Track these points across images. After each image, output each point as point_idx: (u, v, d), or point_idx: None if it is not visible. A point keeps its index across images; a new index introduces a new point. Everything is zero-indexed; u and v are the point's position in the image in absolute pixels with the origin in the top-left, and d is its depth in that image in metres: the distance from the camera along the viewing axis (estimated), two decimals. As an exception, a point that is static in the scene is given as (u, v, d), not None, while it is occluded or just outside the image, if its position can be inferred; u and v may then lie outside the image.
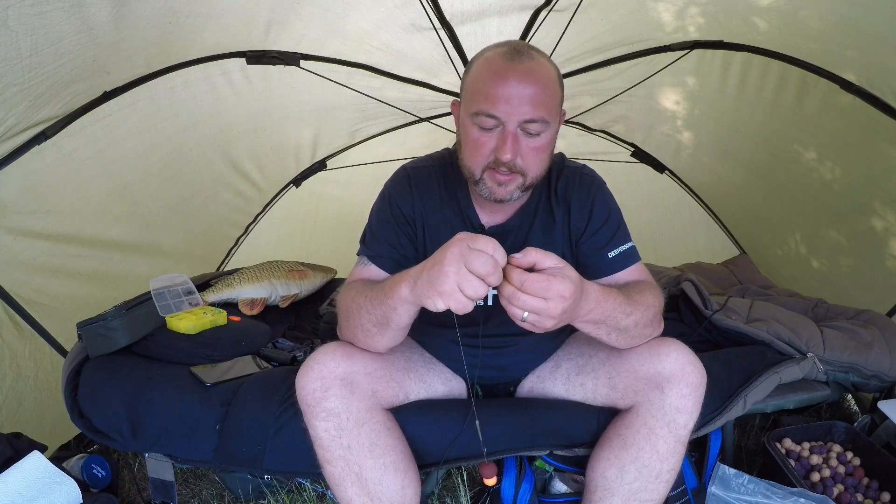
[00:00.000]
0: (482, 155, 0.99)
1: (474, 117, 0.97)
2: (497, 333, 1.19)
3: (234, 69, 1.74)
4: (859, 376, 1.47)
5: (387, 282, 0.96)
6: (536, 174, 1.02)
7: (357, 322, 1.01)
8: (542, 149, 0.99)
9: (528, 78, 0.94)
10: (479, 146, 0.99)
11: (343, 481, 1.01)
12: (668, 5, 1.69)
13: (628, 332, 1.00)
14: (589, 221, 1.13)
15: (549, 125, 0.98)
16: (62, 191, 1.55)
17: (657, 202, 2.81)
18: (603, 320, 0.94)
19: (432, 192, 1.15)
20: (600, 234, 1.13)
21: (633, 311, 0.98)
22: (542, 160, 1.02)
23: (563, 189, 1.15)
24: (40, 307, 1.52)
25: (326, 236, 2.82)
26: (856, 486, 1.30)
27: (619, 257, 1.12)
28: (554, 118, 0.99)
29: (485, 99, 0.95)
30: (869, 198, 1.84)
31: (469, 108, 0.99)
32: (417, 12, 1.62)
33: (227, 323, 1.56)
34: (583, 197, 1.14)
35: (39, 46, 1.17)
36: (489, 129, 0.97)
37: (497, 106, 0.94)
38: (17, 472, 1.13)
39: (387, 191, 1.17)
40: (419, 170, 1.18)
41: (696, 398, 1.02)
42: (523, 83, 0.94)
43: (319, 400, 0.99)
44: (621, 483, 1.04)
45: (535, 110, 0.94)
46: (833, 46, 1.56)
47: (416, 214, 1.14)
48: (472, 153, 1.01)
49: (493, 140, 0.97)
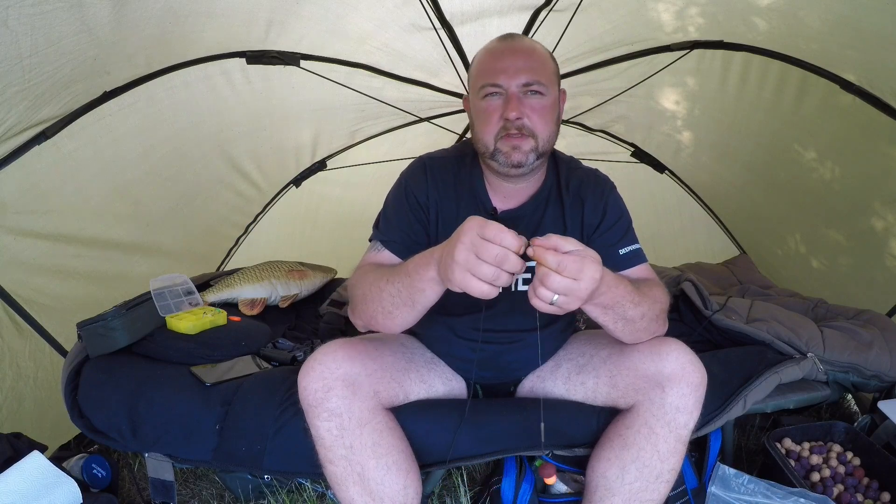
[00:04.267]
0: (492, 122, 1.07)
1: (481, 91, 1.08)
2: (504, 329, 1.20)
3: (234, 69, 1.74)
4: (859, 376, 1.47)
5: (409, 264, 0.96)
6: (546, 136, 1.09)
7: (377, 305, 1.01)
8: (546, 110, 1.08)
9: (521, 50, 1.08)
10: (488, 115, 1.08)
11: (345, 481, 1.01)
12: (668, 5, 1.69)
13: (634, 324, 1.01)
14: (603, 218, 1.17)
15: (549, 89, 1.07)
16: (62, 191, 1.54)
17: (657, 202, 2.81)
18: (612, 305, 0.96)
19: (448, 180, 1.19)
20: (613, 232, 1.16)
21: (642, 301, 1.00)
22: (548, 122, 1.09)
23: (576, 186, 1.19)
24: (40, 307, 1.52)
25: (326, 236, 2.82)
26: (856, 486, 1.30)
27: (630, 255, 1.15)
28: (551, 85, 1.08)
29: (487, 73, 1.07)
30: (869, 198, 1.84)
31: (476, 87, 1.10)
32: (417, 12, 1.62)
33: (227, 323, 1.56)
34: (597, 195, 1.19)
35: (39, 46, 1.17)
36: (494, 97, 1.07)
37: (498, 76, 1.05)
38: (17, 472, 1.13)
39: (403, 178, 1.21)
40: (436, 159, 1.23)
41: (696, 398, 1.03)
42: (517, 55, 1.07)
43: (321, 400, 0.99)
44: (622, 483, 1.04)
45: (531, 74, 1.05)
46: (833, 46, 1.56)
47: (430, 201, 1.17)
48: (484, 124, 1.09)
49: (500, 106, 1.06)
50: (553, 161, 1.23)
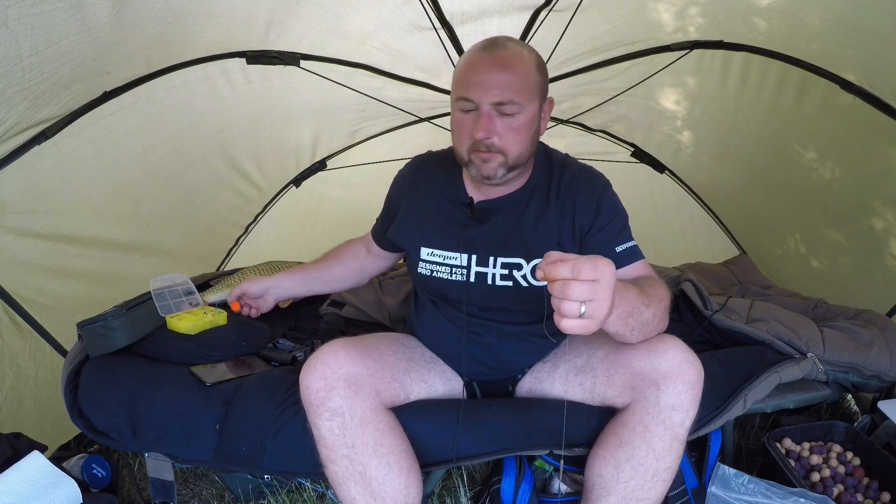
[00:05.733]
0: (465, 136, 1.08)
1: (456, 103, 1.08)
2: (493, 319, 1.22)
3: (234, 69, 1.74)
4: (859, 376, 1.47)
5: None
6: (517, 153, 1.08)
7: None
8: (519, 129, 1.06)
9: (497, 65, 1.03)
10: (461, 128, 1.09)
11: (346, 480, 1.02)
12: (668, 5, 1.69)
13: (647, 326, 1.01)
14: (597, 218, 1.15)
15: (524, 107, 1.05)
16: (62, 191, 1.54)
17: (657, 202, 2.81)
18: (630, 313, 0.94)
19: (430, 173, 1.28)
20: (607, 230, 1.15)
21: (651, 302, 0.99)
22: (521, 140, 1.07)
23: (567, 183, 1.17)
24: (40, 307, 1.51)
25: (326, 236, 2.80)
26: (856, 486, 1.30)
27: (626, 252, 1.14)
28: (528, 101, 1.05)
29: (462, 85, 1.06)
30: (869, 198, 1.84)
31: (453, 96, 1.10)
32: (417, 12, 1.62)
33: (227, 323, 1.56)
34: (589, 194, 1.16)
35: (39, 46, 1.17)
36: (467, 111, 1.07)
37: (471, 90, 1.04)
38: (17, 472, 1.13)
39: (399, 175, 1.36)
40: (433, 155, 1.35)
41: (692, 395, 1.02)
42: (492, 69, 1.03)
43: (323, 400, 0.99)
44: (617, 482, 1.04)
45: (504, 93, 1.02)
46: (833, 46, 1.56)
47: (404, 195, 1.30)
48: (458, 136, 1.11)
49: (471, 122, 1.06)
50: (545, 159, 1.22)
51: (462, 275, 1.18)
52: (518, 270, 1.16)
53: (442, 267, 1.20)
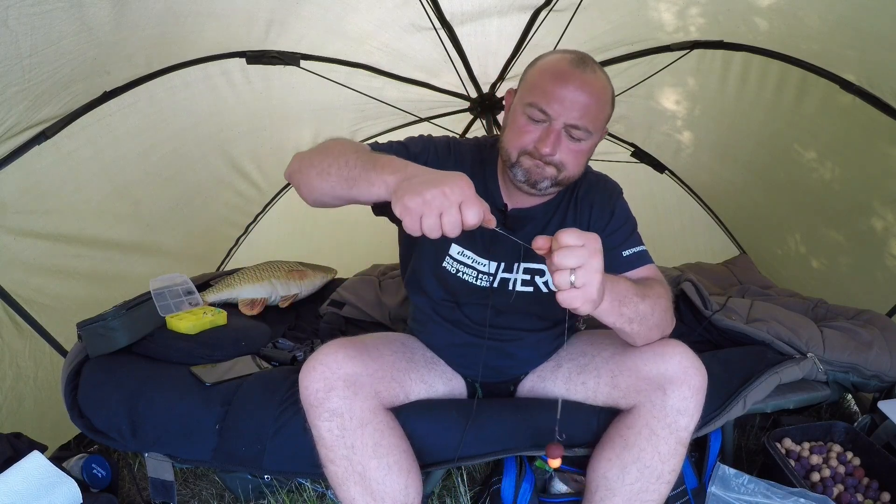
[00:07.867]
0: (523, 141, 1.04)
1: (527, 107, 1.02)
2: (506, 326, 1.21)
3: (234, 69, 1.74)
4: (859, 376, 1.47)
5: (383, 157, 0.92)
6: (571, 174, 1.07)
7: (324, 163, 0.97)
8: (580, 153, 1.05)
9: (585, 87, 1.00)
10: (523, 133, 1.04)
11: (346, 481, 1.02)
12: (669, 5, 1.69)
13: (647, 321, 1.01)
14: (610, 221, 1.17)
15: (592, 135, 1.04)
16: (62, 191, 1.54)
17: (657, 202, 2.81)
18: (623, 300, 0.96)
19: (464, 166, 1.17)
20: (618, 234, 1.16)
21: (646, 295, 1.00)
22: (580, 163, 1.07)
23: (585, 191, 1.19)
24: (40, 307, 1.52)
25: (326, 236, 2.81)
26: (856, 486, 1.30)
27: (633, 256, 1.15)
28: (597, 130, 1.05)
29: (542, 94, 1.01)
30: (869, 198, 1.84)
31: (524, 98, 1.04)
32: (417, 12, 1.62)
33: (227, 323, 1.56)
34: (605, 200, 1.19)
35: (39, 46, 1.17)
36: (537, 121, 1.02)
37: (551, 104, 1.00)
38: (17, 472, 1.13)
39: (429, 139, 1.21)
40: (461, 144, 1.23)
41: (697, 401, 1.03)
42: (579, 90, 1.00)
43: (323, 400, 0.99)
44: (622, 483, 1.04)
45: (582, 118, 1.00)
46: (833, 46, 1.56)
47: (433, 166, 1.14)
48: (515, 137, 1.05)
49: (537, 132, 1.03)
50: None
51: (487, 281, 1.17)
52: (541, 276, 1.17)
53: (470, 270, 1.18)
